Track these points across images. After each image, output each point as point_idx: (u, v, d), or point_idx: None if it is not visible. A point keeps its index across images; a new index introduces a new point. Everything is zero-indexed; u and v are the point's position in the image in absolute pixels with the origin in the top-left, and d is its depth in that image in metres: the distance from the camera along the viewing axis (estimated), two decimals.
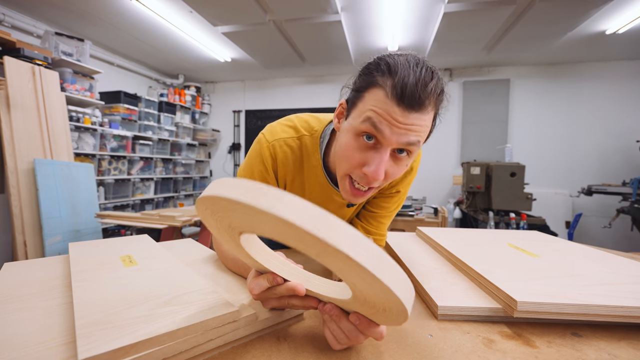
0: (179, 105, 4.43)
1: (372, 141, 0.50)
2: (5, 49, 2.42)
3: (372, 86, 0.49)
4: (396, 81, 0.46)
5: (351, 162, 0.52)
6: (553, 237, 0.86)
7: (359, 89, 0.51)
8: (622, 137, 3.75)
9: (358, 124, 0.50)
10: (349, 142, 0.52)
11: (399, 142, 0.48)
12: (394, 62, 0.48)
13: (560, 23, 2.73)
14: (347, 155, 0.52)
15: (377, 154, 0.49)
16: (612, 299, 0.45)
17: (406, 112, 0.46)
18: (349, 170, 0.53)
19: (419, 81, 0.46)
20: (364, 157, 0.51)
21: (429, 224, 2.55)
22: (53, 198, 2.34)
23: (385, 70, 0.48)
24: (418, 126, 0.48)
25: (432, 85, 0.47)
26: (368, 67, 0.51)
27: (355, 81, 0.54)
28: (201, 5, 2.56)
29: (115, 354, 0.31)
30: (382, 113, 0.47)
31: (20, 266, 0.63)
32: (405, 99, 0.45)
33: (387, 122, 0.47)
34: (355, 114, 0.51)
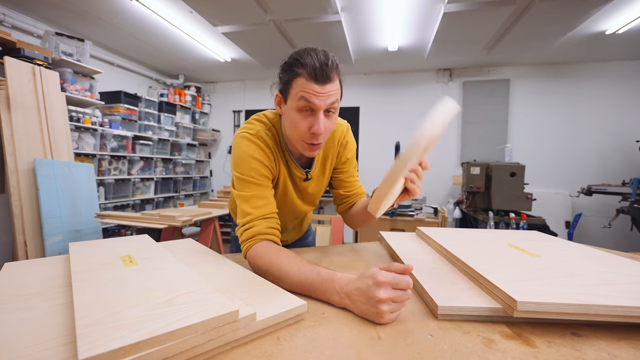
0: (179, 105, 4.43)
1: (309, 111, 0.70)
2: (5, 49, 2.42)
3: (295, 77, 0.69)
4: (309, 69, 0.67)
5: (302, 130, 0.71)
6: (553, 237, 0.86)
7: (287, 82, 0.71)
8: (621, 137, 3.75)
9: (296, 103, 0.70)
10: (295, 117, 0.71)
11: (325, 104, 0.69)
12: (302, 57, 0.69)
13: (560, 23, 2.73)
14: (298, 126, 0.71)
15: (315, 118, 0.70)
16: (612, 299, 0.45)
17: (322, 85, 0.68)
18: (302, 136, 0.73)
19: (322, 63, 0.67)
20: (308, 122, 0.71)
21: (429, 224, 2.55)
22: (53, 198, 2.35)
23: (299, 64, 0.68)
24: (332, 91, 0.69)
25: (330, 62, 0.68)
26: (287, 65, 0.71)
27: (281, 77, 0.74)
28: (201, 5, 2.56)
29: (115, 354, 0.31)
30: (309, 90, 0.68)
31: (20, 266, 0.63)
32: (318, 77, 0.67)
33: (314, 95, 0.68)
34: (291, 98, 0.71)
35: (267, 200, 0.75)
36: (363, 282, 0.50)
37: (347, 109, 4.50)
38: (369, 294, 0.48)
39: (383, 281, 0.48)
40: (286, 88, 0.71)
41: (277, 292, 0.53)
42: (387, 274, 0.49)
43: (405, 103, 4.43)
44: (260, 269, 0.66)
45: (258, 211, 0.73)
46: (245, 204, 0.74)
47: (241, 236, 0.73)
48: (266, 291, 0.54)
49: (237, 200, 0.76)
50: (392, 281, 0.48)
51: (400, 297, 0.48)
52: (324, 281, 0.55)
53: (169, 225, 2.17)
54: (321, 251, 0.91)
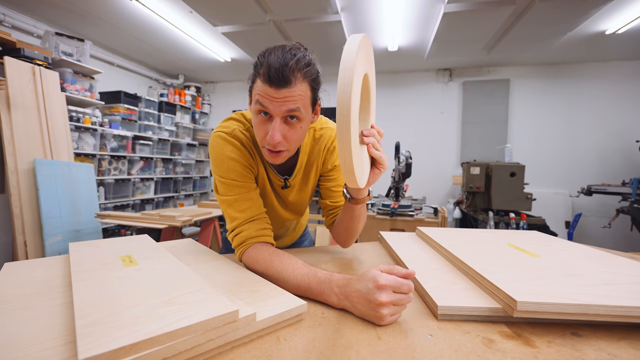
0: (179, 105, 4.43)
1: (267, 116, 0.63)
2: (5, 49, 2.42)
3: (256, 77, 0.63)
4: (264, 69, 0.60)
5: (260, 135, 0.66)
6: (553, 237, 0.86)
7: (252, 81, 0.66)
8: (621, 137, 3.75)
9: (254, 106, 0.64)
10: (255, 121, 0.66)
11: (282, 111, 0.62)
12: (264, 55, 0.62)
13: (560, 23, 2.73)
14: (257, 130, 0.66)
15: (270, 124, 0.63)
16: (612, 299, 0.45)
17: (278, 90, 0.60)
18: (262, 142, 0.67)
19: (281, 64, 0.59)
20: (265, 128, 0.64)
21: (429, 224, 2.55)
22: (53, 198, 2.35)
23: (259, 64, 0.62)
24: (291, 97, 0.61)
25: (292, 63, 0.60)
26: (255, 63, 0.65)
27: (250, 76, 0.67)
28: (201, 5, 2.56)
29: (115, 354, 0.31)
30: (263, 94, 0.61)
31: (20, 266, 0.63)
32: (273, 80, 0.59)
33: (268, 99, 0.61)
34: (252, 100, 0.65)
35: (252, 202, 0.72)
36: (363, 285, 0.49)
37: None
38: (369, 297, 0.47)
39: (384, 284, 0.47)
40: (251, 88, 0.66)
41: (277, 292, 0.53)
42: (389, 277, 0.48)
43: (405, 103, 4.43)
44: (251, 267, 0.67)
45: (244, 214, 0.71)
46: (230, 208, 0.72)
47: (232, 242, 0.71)
48: (266, 291, 0.54)
49: (222, 206, 0.73)
50: (393, 284, 0.48)
51: (401, 300, 0.48)
52: (322, 282, 0.55)
53: (169, 225, 2.17)
54: (321, 251, 0.91)
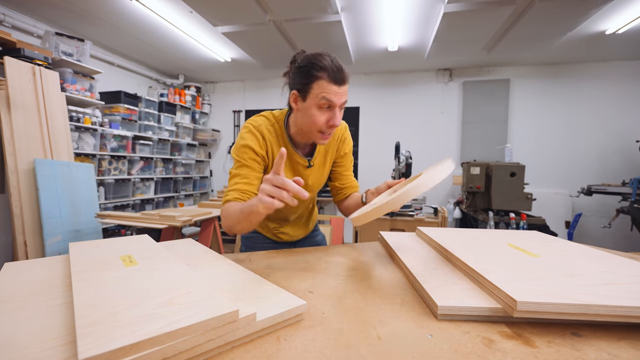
0: (179, 105, 4.43)
1: (328, 108, 0.85)
2: (5, 49, 2.42)
3: (316, 79, 0.82)
4: (329, 72, 0.81)
5: (320, 123, 0.86)
6: (553, 237, 0.86)
7: (306, 83, 0.83)
8: (621, 137, 3.75)
9: (318, 102, 0.83)
10: (315, 113, 0.85)
11: (340, 102, 0.85)
12: (320, 61, 0.82)
13: (560, 23, 2.73)
14: (317, 120, 0.85)
15: (333, 113, 0.85)
16: (612, 299, 0.45)
17: (340, 86, 0.83)
18: (320, 128, 0.87)
19: (339, 67, 0.82)
20: (326, 117, 0.85)
21: (429, 223, 2.55)
22: (53, 198, 2.35)
23: (319, 67, 0.82)
24: (345, 92, 0.85)
25: (343, 67, 0.83)
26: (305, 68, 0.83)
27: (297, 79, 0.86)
28: (201, 5, 2.56)
29: (115, 354, 0.31)
30: (330, 91, 0.82)
31: (20, 266, 0.63)
32: (337, 79, 0.82)
33: (333, 95, 0.82)
34: (311, 97, 0.84)
35: (247, 180, 0.88)
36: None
37: (347, 108, 4.49)
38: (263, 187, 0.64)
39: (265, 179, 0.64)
40: (306, 88, 0.84)
41: (277, 292, 0.53)
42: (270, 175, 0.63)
43: (405, 103, 4.43)
44: (226, 224, 0.83)
45: (236, 186, 0.87)
46: (230, 181, 0.90)
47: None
48: (266, 291, 0.54)
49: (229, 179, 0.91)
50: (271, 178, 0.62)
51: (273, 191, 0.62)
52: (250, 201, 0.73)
53: (169, 225, 2.17)
54: (321, 251, 0.91)
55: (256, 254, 0.88)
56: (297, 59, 0.88)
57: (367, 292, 0.61)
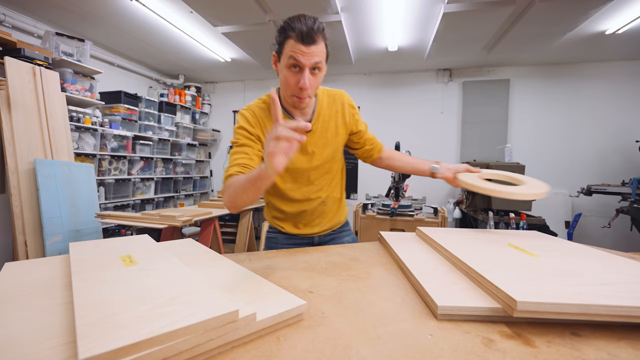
0: (179, 105, 4.43)
1: (297, 69, 0.84)
2: (5, 49, 2.42)
3: (286, 39, 0.83)
4: (297, 31, 0.80)
5: (291, 84, 0.85)
6: (553, 237, 0.86)
7: (280, 43, 0.85)
8: (621, 137, 3.75)
9: (287, 61, 0.84)
10: (286, 74, 0.86)
11: (310, 63, 0.82)
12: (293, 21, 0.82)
13: (560, 23, 2.73)
14: (288, 82, 0.86)
15: (302, 74, 0.84)
16: (612, 299, 0.45)
17: (308, 46, 0.81)
18: (292, 91, 0.87)
19: (308, 27, 0.80)
20: (296, 78, 0.84)
21: (429, 224, 2.55)
22: (53, 198, 2.35)
23: (290, 27, 0.82)
24: (317, 52, 0.83)
25: (316, 27, 0.81)
26: (282, 28, 0.85)
27: (276, 39, 0.88)
28: (201, 6, 2.56)
29: (115, 354, 0.31)
30: (296, 50, 0.81)
31: (20, 266, 0.63)
32: (304, 38, 0.80)
33: (300, 54, 0.81)
34: (283, 57, 0.85)
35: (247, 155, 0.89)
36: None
37: None
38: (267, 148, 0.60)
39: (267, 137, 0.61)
40: (280, 48, 0.86)
41: (277, 292, 0.53)
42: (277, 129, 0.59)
43: (405, 103, 4.42)
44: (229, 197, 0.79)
45: (237, 161, 0.88)
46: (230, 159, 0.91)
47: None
48: (266, 291, 0.54)
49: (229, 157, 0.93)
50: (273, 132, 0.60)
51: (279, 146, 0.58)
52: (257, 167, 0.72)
53: (169, 225, 2.17)
54: (321, 251, 0.91)
55: (256, 254, 0.88)
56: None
57: (367, 292, 0.61)
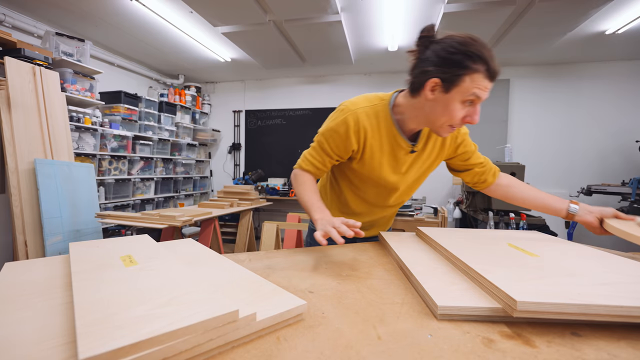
0: (179, 105, 4.43)
1: (471, 103, 0.76)
2: (5, 49, 2.42)
3: (470, 72, 0.71)
4: (488, 66, 0.71)
5: (457, 117, 0.78)
6: (553, 237, 0.86)
7: (455, 73, 0.73)
8: (621, 137, 3.75)
9: (467, 96, 0.74)
10: (455, 107, 0.76)
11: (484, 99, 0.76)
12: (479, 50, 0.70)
13: (560, 23, 2.73)
14: (454, 115, 0.77)
15: (475, 108, 0.78)
16: (612, 299, 0.45)
17: (492, 82, 0.74)
18: (453, 122, 0.79)
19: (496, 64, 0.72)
20: (465, 112, 0.77)
21: (429, 224, 2.55)
22: (53, 198, 2.35)
23: (478, 58, 0.71)
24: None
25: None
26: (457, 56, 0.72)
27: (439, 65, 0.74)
28: (201, 6, 2.56)
29: (115, 354, 0.31)
30: (482, 87, 0.73)
31: (20, 266, 0.63)
32: (493, 76, 0.73)
33: (485, 92, 0.74)
34: (459, 90, 0.74)
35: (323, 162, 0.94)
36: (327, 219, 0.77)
37: None
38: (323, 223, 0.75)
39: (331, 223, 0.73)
40: (453, 79, 0.73)
41: (277, 292, 0.53)
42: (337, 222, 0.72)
43: None
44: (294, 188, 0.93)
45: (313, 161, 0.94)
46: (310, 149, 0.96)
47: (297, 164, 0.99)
48: (266, 291, 0.54)
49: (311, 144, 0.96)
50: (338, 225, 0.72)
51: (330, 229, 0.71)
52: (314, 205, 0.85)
53: (169, 225, 2.17)
54: (321, 251, 0.91)
55: (256, 254, 0.88)
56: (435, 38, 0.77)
57: (367, 292, 0.61)
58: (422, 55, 0.78)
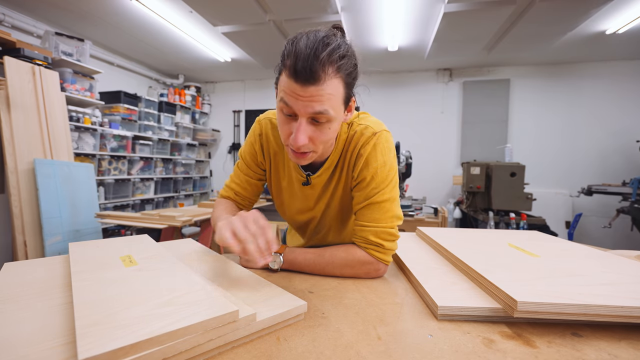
0: (179, 105, 4.43)
1: (292, 115, 0.58)
2: (5, 49, 2.42)
3: (282, 69, 0.57)
4: (291, 62, 0.53)
5: (284, 134, 0.61)
6: (553, 237, 0.86)
7: (277, 73, 0.60)
8: (622, 137, 3.75)
9: (278, 103, 0.59)
10: (279, 119, 0.61)
11: (307, 112, 0.55)
12: (292, 45, 0.54)
13: (560, 23, 2.73)
14: (281, 129, 0.62)
15: (295, 124, 0.58)
16: (612, 299, 0.45)
17: (304, 87, 0.53)
18: (285, 141, 0.63)
19: (309, 57, 0.51)
20: (289, 127, 0.59)
21: (429, 224, 2.55)
22: (53, 198, 2.34)
23: (286, 54, 0.55)
24: (319, 96, 0.54)
25: (324, 56, 0.52)
26: (283, 51, 0.57)
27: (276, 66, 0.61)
28: (201, 5, 2.56)
29: (115, 354, 0.31)
30: (288, 91, 0.55)
31: (20, 266, 0.63)
32: (299, 76, 0.52)
33: (292, 97, 0.55)
34: (277, 96, 0.60)
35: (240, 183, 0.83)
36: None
37: None
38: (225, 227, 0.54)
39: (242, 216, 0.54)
40: (277, 81, 0.60)
41: (277, 292, 0.53)
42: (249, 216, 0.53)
43: (405, 103, 4.43)
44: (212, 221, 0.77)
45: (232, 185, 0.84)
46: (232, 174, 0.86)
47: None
48: (266, 291, 0.54)
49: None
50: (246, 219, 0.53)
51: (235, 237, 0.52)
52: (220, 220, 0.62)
53: (169, 225, 2.17)
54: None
55: None
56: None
57: (367, 292, 0.61)
58: None
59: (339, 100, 0.58)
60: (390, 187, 0.68)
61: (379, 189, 0.68)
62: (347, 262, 0.67)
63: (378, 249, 0.67)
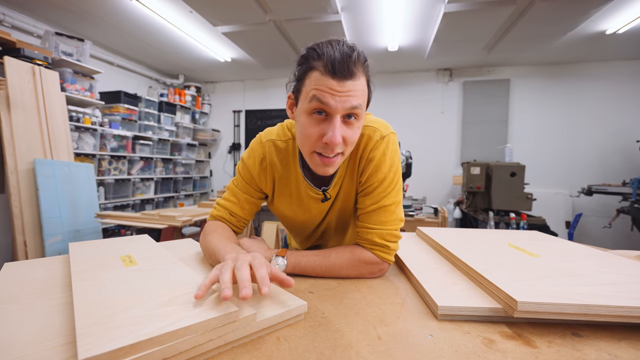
0: (179, 105, 4.43)
1: (323, 114, 0.58)
2: (5, 49, 2.42)
3: (309, 71, 0.58)
4: (325, 60, 0.55)
5: (312, 138, 0.59)
6: (553, 237, 0.86)
7: (299, 78, 0.60)
8: (622, 137, 3.75)
9: (307, 104, 0.58)
10: (305, 122, 0.59)
11: (344, 108, 0.56)
12: (320, 47, 0.57)
13: (561, 23, 2.73)
14: (307, 133, 0.59)
15: (330, 123, 0.57)
16: (612, 299, 0.45)
17: (341, 82, 0.55)
18: (313, 147, 0.60)
19: (343, 54, 0.55)
20: (321, 129, 0.58)
21: (429, 224, 2.55)
22: (53, 198, 2.34)
23: (315, 55, 0.57)
24: (355, 91, 0.56)
25: (355, 55, 0.56)
26: (303, 57, 0.60)
27: (295, 73, 0.63)
28: (201, 5, 2.56)
29: (115, 354, 0.31)
30: (323, 88, 0.55)
31: (20, 266, 0.63)
32: (337, 71, 0.54)
33: (329, 94, 0.55)
34: (302, 98, 0.59)
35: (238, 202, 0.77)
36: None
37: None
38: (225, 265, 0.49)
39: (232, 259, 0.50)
40: (299, 86, 0.60)
41: (277, 292, 0.53)
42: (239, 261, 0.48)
43: (405, 103, 4.43)
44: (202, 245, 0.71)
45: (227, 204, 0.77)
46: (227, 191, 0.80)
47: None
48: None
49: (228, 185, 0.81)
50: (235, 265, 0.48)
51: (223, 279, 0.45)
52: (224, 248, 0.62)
53: (169, 225, 2.17)
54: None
55: None
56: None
57: (367, 292, 0.61)
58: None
59: (365, 99, 0.60)
60: (396, 190, 0.69)
61: (386, 192, 0.68)
62: (354, 263, 0.67)
63: (383, 249, 0.68)
